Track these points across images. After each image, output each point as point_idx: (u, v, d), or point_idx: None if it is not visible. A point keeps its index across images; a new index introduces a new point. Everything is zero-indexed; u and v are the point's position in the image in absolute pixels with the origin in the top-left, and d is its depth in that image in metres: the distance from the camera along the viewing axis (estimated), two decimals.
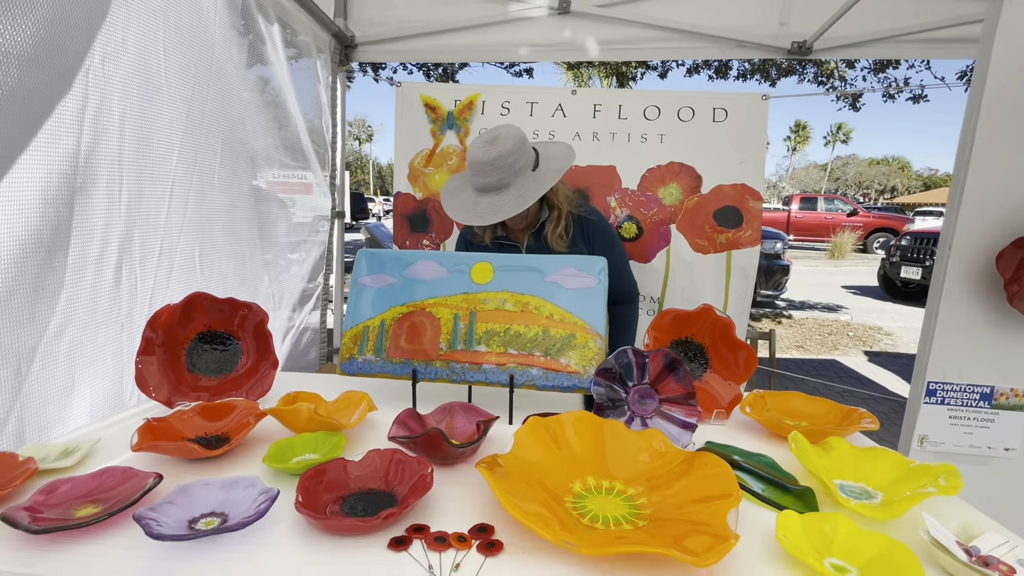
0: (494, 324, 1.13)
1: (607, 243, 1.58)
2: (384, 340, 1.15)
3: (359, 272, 1.21)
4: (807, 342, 6.11)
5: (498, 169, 1.40)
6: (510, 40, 2.08)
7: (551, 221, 1.49)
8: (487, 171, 1.41)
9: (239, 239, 1.60)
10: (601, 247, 1.56)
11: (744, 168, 2.03)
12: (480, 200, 1.44)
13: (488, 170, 1.41)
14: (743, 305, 2.14)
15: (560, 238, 1.49)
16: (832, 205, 17.63)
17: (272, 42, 1.66)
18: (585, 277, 1.14)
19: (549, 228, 1.49)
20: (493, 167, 1.40)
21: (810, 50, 1.93)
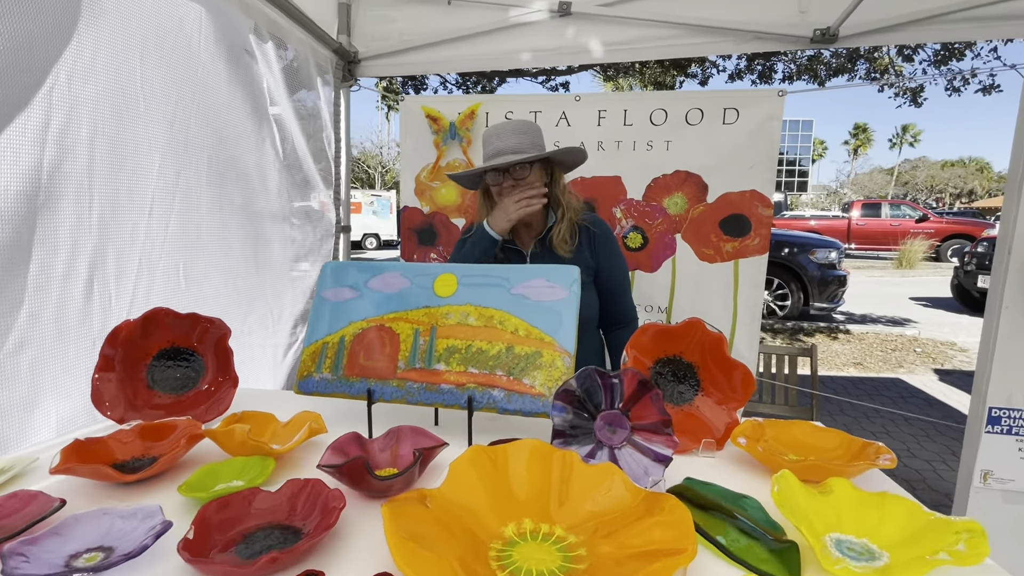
0: (455, 340, 1.04)
1: (612, 258, 1.49)
2: (342, 357, 1.09)
3: (322, 285, 1.16)
4: (867, 359, 5.62)
5: (517, 131, 1.37)
6: (511, 47, 2.02)
7: (557, 224, 1.43)
8: (504, 135, 1.36)
9: (231, 256, 1.60)
10: (605, 260, 1.48)
11: (754, 173, 1.87)
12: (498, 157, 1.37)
13: (505, 133, 1.37)
14: (753, 314, 1.97)
15: (564, 242, 1.42)
16: (898, 211, 16.43)
17: (266, 60, 1.67)
18: (555, 288, 1.03)
19: (554, 232, 1.43)
20: (512, 129, 1.37)
21: (835, 37, 1.75)
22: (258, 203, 1.69)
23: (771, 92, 1.85)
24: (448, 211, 2.16)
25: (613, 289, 1.50)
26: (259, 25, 1.62)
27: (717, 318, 1.97)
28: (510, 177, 1.37)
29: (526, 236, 1.50)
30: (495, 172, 1.38)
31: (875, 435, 3.79)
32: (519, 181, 1.38)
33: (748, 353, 1.99)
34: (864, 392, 4.69)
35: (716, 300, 1.96)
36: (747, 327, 1.97)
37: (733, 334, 1.98)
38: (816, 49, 1.95)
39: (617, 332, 1.54)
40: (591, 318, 1.47)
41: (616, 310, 1.52)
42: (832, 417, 4.12)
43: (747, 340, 1.98)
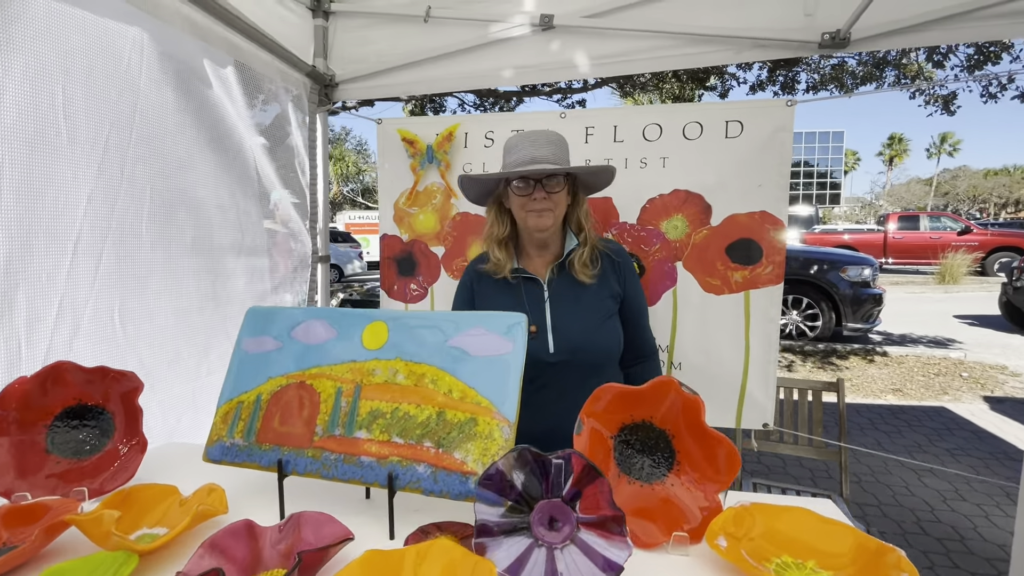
0: (381, 402, 0.88)
1: (634, 280, 1.38)
2: (256, 420, 0.94)
3: (242, 333, 1.02)
4: (907, 384, 5.20)
5: (552, 142, 1.25)
6: (493, 64, 1.90)
7: (579, 247, 1.31)
8: (540, 142, 1.24)
9: (183, 293, 1.49)
10: (631, 283, 1.36)
11: (763, 192, 1.65)
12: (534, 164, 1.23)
13: (541, 141, 1.24)
14: (768, 355, 1.73)
15: (586, 267, 1.29)
16: (938, 223, 15.63)
17: (224, 85, 1.58)
18: (495, 339, 0.87)
19: (576, 255, 1.30)
20: (547, 139, 1.25)
21: (846, 41, 1.56)
22: (216, 235, 1.58)
23: (778, 103, 1.65)
24: (427, 239, 2.02)
25: (638, 319, 1.38)
26: (215, 49, 1.53)
27: (727, 358, 1.75)
28: (542, 189, 1.23)
29: (540, 261, 1.35)
30: (524, 182, 1.23)
31: (917, 473, 3.43)
32: (551, 195, 1.24)
33: (764, 399, 1.75)
34: (904, 422, 4.31)
35: (725, 338, 1.74)
36: (761, 369, 1.73)
37: (745, 377, 1.75)
38: (826, 54, 1.76)
39: (637, 368, 1.39)
40: (616, 353, 1.34)
41: (636, 344, 1.38)
42: (868, 449, 3.76)
43: (762, 384, 1.74)
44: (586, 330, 1.26)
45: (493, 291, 1.34)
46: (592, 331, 1.27)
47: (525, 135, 1.27)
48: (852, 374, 5.51)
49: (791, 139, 1.61)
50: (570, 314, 1.28)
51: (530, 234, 1.31)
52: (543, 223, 1.25)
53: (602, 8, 1.74)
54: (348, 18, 2.02)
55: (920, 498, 3.09)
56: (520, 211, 1.28)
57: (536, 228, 1.27)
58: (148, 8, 1.32)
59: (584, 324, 1.27)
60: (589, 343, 1.26)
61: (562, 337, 1.26)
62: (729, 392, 1.76)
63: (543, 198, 1.23)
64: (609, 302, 1.30)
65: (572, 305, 1.28)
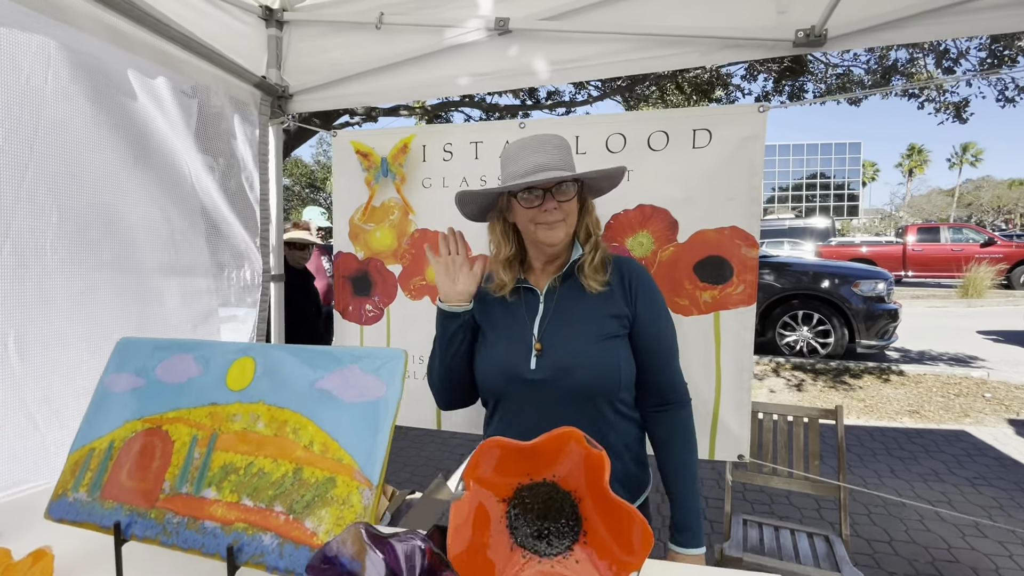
0: (236, 455, 0.75)
1: (655, 307, 1.16)
2: (105, 471, 0.81)
3: (106, 369, 0.90)
4: (925, 405, 4.91)
5: (558, 147, 1.12)
6: (448, 72, 1.79)
7: (588, 253, 1.15)
8: (546, 148, 1.10)
9: (99, 317, 1.39)
10: (647, 309, 1.15)
11: (734, 206, 1.50)
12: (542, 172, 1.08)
13: (547, 146, 1.10)
14: (741, 381, 1.56)
15: (597, 271, 1.14)
16: (960, 235, 15.13)
17: (154, 97, 1.49)
18: (369, 380, 0.74)
19: (585, 260, 1.15)
20: (553, 144, 1.11)
21: (822, 39, 1.41)
22: (142, 254, 1.48)
23: (749, 108, 1.51)
24: (383, 256, 1.90)
25: (659, 352, 1.15)
26: (143, 59, 1.45)
27: (696, 384, 1.59)
28: (552, 199, 1.08)
29: (542, 272, 1.20)
30: (532, 193, 1.09)
31: (933, 504, 3.18)
32: (563, 204, 1.09)
33: (738, 429, 1.58)
34: (921, 448, 4.04)
35: (694, 362, 1.58)
36: (734, 396, 1.57)
37: (717, 404, 1.59)
38: (802, 53, 1.62)
39: (662, 416, 1.16)
40: (626, 387, 1.13)
41: (660, 382, 1.15)
42: (880, 478, 3.51)
43: (735, 412, 1.58)
44: (576, 348, 1.09)
45: (489, 307, 1.22)
46: (584, 350, 1.09)
47: (525, 142, 1.12)
48: (866, 394, 5.23)
49: (763, 148, 1.47)
50: (561, 327, 1.12)
51: (540, 249, 1.16)
52: (555, 236, 1.10)
53: (560, 9, 1.63)
54: (303, 27, 1.93)
55: (936, 534, 2.84)
56: (528, 225, 1.12)
57: (548, 242, 1.11)
58: (56, 14, 1.23)
59: (576, 341, 1.10)
60: (577, 364, 1.08)
61: (547, 353, 1.10)
62: (700, 420, 1.59)
63: (554, 208, 1.09)
64: (611, 322, 1.12)
65: (566, 317, 1.13)
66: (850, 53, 5.21)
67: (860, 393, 5.26)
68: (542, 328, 1.14)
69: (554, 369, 1.09)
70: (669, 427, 1.16)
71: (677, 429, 1.16)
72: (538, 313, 1.16)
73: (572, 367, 1.08)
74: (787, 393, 5.42)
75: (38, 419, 1.25)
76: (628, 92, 7.26)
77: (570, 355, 1.09)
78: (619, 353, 1.11)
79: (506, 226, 1.19)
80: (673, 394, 1.16)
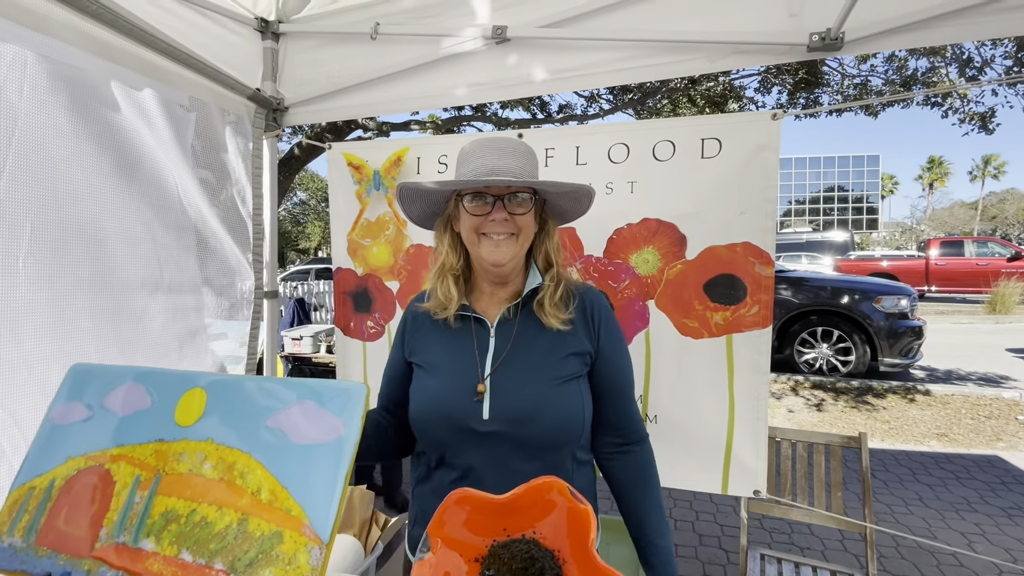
0: (179, 500, 0.67)
1: (616, 343, 1.04)
2: (42, 514, 0.74)
3: (55, 398, 0.83)
4: (954, 428, 4.67)
5: (519, 153, 0.98)
6: (446, 83, 1.73)
7: (548, 284, 1.01)
8: (505, 151, 0.97)
9: (77, 337, 1.33)
10: (609, 345, 1.02)
11: (746, 221, 1.40)
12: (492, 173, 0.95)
13: (506, 149, 0.97)
14: (756, 409, 1.44)
15: (557, 307, 1.00)
16: (985, 248, 14.69)
17: (139, 109, 1.45)
18: (325, 419, 0.65)
19: (545, 294, 1.00)
20: (513, 148, 0.98)
21: (839, 42, 1.32)
22: (122, 271, 1.43)
23: (762, 115, 1.42)
24: (381, 272, 1.83)
25: (623, 391, 1.03)
26: (127, 70, 1.41)
27: (708, 413, 1.47)
28: (503, 208, 0.94)
29: (491, 298, 1.05)
30: (479, 198, 0.95)
31: (965, 536, 2.98)
32: (515, 217, 0.95)
33: (754, 461, 1.46)
34: (950, 473, 3.82)
35: (705, 389, 1.47)
36: (749, 427, 1.44)
37: (731, 436, 1.47)
38: (817, 58, 1.52)
39: (625, 458, 1.02)
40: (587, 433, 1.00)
41: (621, 423, 1.02)
42: (907, 506, 3.31)
43: (750, 444, 1.45)
44: (535, 394, 0.94)
45: (427, 336, 1.06)
46: (545, 396, 0.94)
47: (485, 141, 0.98)
48: (890, 415, 5.01)
49: (777, 159, 1.37)
50: (518, 369, 0.96)
51: (484, 268, 1.01)
52: (500, 255, 0.96)
53: (560, 17, 1.56)
54: (299, 39, 1.90)
55: (970, 569, 2.64)
56: (471, 235, 0.98)
57: (491, 261, 0.96)
58: (33, 24, 1.19)
59: (534, 385, 0.95)
60: (537, 413, 0.93)
61: (501, 400, 0.94)
62: (713, 452, 1.49)
63: (504, 220, 0.94)
64: (574, 361, 0.98)
65: (523, 358, 0.97)
66: (867, 64, 5.09)
67: (884, 414, 5.04)
68: (494, 368, 0.97)
69: (510, 419, 0.93)
70: (634, 470, 1.01)
71: (643, 470, 1.02)
72: (489, 349, 0.99)
73: (531, 416, 0.93)
74: (807, 413, 5.22)
75: (4, 443, 1.19)
76: (640, 105, 7.20)
77: (528, 402, 0.94)
78: (581, 397, 0.98)
79: (455, 235, 1.05)
80: (634, 433, 1.03)
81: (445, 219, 1.06)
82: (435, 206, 1.07)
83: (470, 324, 1.03)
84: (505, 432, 0.93)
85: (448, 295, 1.02)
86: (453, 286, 1.03)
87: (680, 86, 6.39)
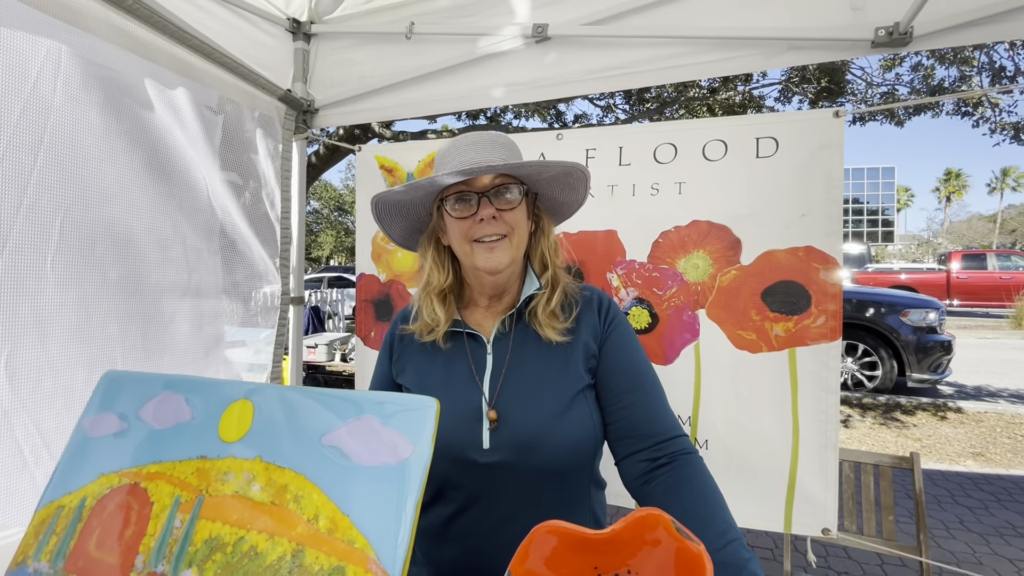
0: (225, 526, 0.60)
1: (628, 345, 0.91)
2: (72, 537, 0.67)
3: (87, 408, 0.77)
4: (991, 447, 4.49)
5: (499, 144, 0.88)
6: (482, 82, 1.67)
7: (543, 292, 0.91)
8: (482, 145, 0.87)
9: (101, 340, 1.28)
10: (618, 331, 0.90)
11: (808, 223, 1.30)
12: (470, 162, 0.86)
13: (484, 142, 0.88)
14: (824, 434, 1.31)
15: (555, 316, 0.89)
16: (1008, 262, 14.39)
17: (172, 108, 1.41)
18: (391, 437, 0.58)
19: (539, 302, 0.89)
20: (491, 140, 0.88)
21: (907, 37, 1.24)
22: (151, 274, 1.38)
23: (823, 114, 1.33)
24: (405, 278, 1.77)
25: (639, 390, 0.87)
26: (163, 69, 1.37)
27: (769, 437, 1.34)
28: (490, 205, 0.84)
29: (487, 312, 0.95)
30: (462, 200, 0.85)
31: (1013, 563, 2.82)
32: (504, 213, 0.85)
33: (823, 495, 1.31)
34: (990, 495, 3.65)
35: (765, 410, 1.34)
36: (817, 455, 1.30)
37: (795, 464, 1.33)
38: (882, 55, 1.44)
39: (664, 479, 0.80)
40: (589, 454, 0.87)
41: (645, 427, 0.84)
42: (948, 530, 3.15)
43: (818, 475, 1.31)
44: (541, 417, 0.83)
45: (414, 356, 0.95)
46: (553, 419, 0.83)
47: (461, 138, 0.89)
48: (921, 433, 4.83)
49: (841, 158, 1.29)
50: (517, 391, 0.86)
51: (480, 279, 0.92)
52: (496, 260, 0.85)
53: (605, 14, 1.50)
54: (331, 40, 1.86)
55: None
56: (463, 244, 0.87)
57: (487, 268, 0.86)
58: (70, 18, 1.16)
59: (539, 406, 0.84)
60: (544, 439, 0.82)
61: (502, 427, 0.83)
62: (774, 483, 1.36)
63: (492, 218, 0.84)
64: (578, 370, 0.87)
65: (526, 376, 0.87)
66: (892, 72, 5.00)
67: (915, 432, 4.87)
68: (494, 389, 0.86)
69: (514, 448, 0.82)
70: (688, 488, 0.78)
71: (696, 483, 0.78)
72: (487, 368, 0.88)
73: (537, 443, 0.82)
74: None
75: (27, 453, 1.13)
76: (658, 114, 7.15)
77: (532, 428, 0.83)
78: (589, 412, 0.86)
79: (440, 250, 0.95)
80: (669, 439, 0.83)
81: (429, 233, 0.95)
82: (417, 221, 0.97)
83: (463, 341, 0.92)
84: (510, 462, 0.82)
85: (433, 317, 0.92)
86: (439, 306, 0.92)
87: (699, 95, 6.33)
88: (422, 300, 0.95)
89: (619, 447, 0.87)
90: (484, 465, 0.82)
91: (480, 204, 0.84)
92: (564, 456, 0.83)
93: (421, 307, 0.94)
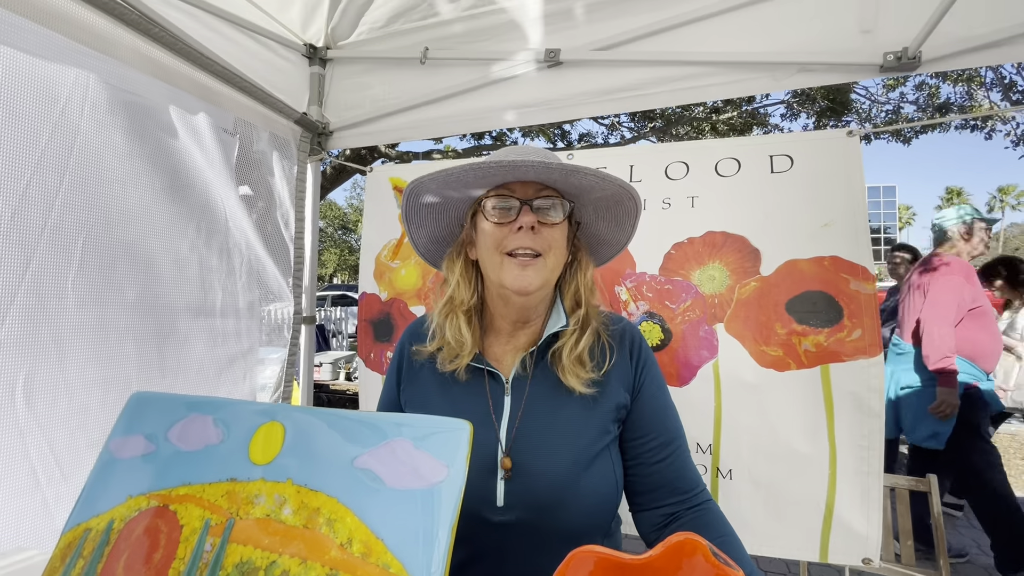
0: (256, 550, 0.60)
1: (661, 395, 0.86)
2: (99, 561, 0.67)
3: (114, 429, 0.77)
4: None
5: (545, 154, 0.84)
6: (494, 104, 1.70)
7: (570, 329, 0.83)
8: (529, 151, 0.83)
9: (118, 361, 1.28)
10: (652, 398, 0.84)
11: (832, 233, 1.25)
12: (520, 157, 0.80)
13: (530, 151, 0.83)
14: (868, 461, 1.19)
15: (581, 363, 0.81)
16: None
17: (193, 132, 1.44)
18: (424, 461, 0.58)
19: (564, 344, 0.82)
20: (535, 151, 0.84)
21: (916, 61, 1.26)
22: (168, 294, 1.39)
23: (837, 134, 1.32)
24: (407, 297, 1.77)
25: (672, 445, 0.83)
26: (183, 92, 1.40)
27: (801, 462, 1.24)
28: (532, 214, 0.78)
29: (508, 341, 0.88)
30: (503, 202, 0.79)
31: None
32: (544, 228, 0.79)
33: (863, 524, 1.20)
34: None
35: (796, 433, 1.23)
36: (857, 481, 1.19)
37: (832, 494, 1.21)
38: (888, 78, 1.47)
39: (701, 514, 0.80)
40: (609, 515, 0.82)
41: (675, 482, 0.81)
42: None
43: (858, 502, 1.19)
44: (561, 476, 0.76)
45: (426, 385, 0.88)
46: (572, 478, 0.76)
47: (512, 148, 0.84)
48: None
49: (861, 173, 1.29)
50: (538, 438, 0.79)
51: (506, 300, 0.84)
52: (526, 281, 0.77)
53: (615, 40, 1.54)
54: (346, 64, 1.90)
55: None
56: (493, 255, 0.80)
57: (517, 288, 0.78)
58: (99, 46, 1.19)
59: (559, 460, 0.77)
60: (564, 500, 0.76)
61: (519, 483, 0.77)
62: (808, 512, 1.27)
63: (531, 228, 0.77)
64: (605, 421, 0.81)
65: (544, 422, 0.80)
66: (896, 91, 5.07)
67: None
68: (510, 435, 0.79)
69: (530, 506, 0.76)
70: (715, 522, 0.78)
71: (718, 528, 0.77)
72: (504, 410, 0.81)
73: (557, 504, 0.76)
74: None
75: (40, 473, 1.13)
76: (663, 133, 7.22)
77: (553, 487, 0.76)
78: (613, 471, 0.80)
79: (468, 265, 0.88)
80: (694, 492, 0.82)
81: (459, 244, 0.90)
82: (448, 227, 0.91)
83: (482, 376, 0.84)
84: (525, 521, 0.76)
85: (460, 338, 0.84)
86: (465, 326, 0.84)
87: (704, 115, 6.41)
88: (444, 318, 0.87)
89: (642, 500, 0.84)
90: (496, 524, 0.76)
91: (521, 211, 0.78)
92: (583, 519, 0.77)
93: (444, 325, 0.87)
